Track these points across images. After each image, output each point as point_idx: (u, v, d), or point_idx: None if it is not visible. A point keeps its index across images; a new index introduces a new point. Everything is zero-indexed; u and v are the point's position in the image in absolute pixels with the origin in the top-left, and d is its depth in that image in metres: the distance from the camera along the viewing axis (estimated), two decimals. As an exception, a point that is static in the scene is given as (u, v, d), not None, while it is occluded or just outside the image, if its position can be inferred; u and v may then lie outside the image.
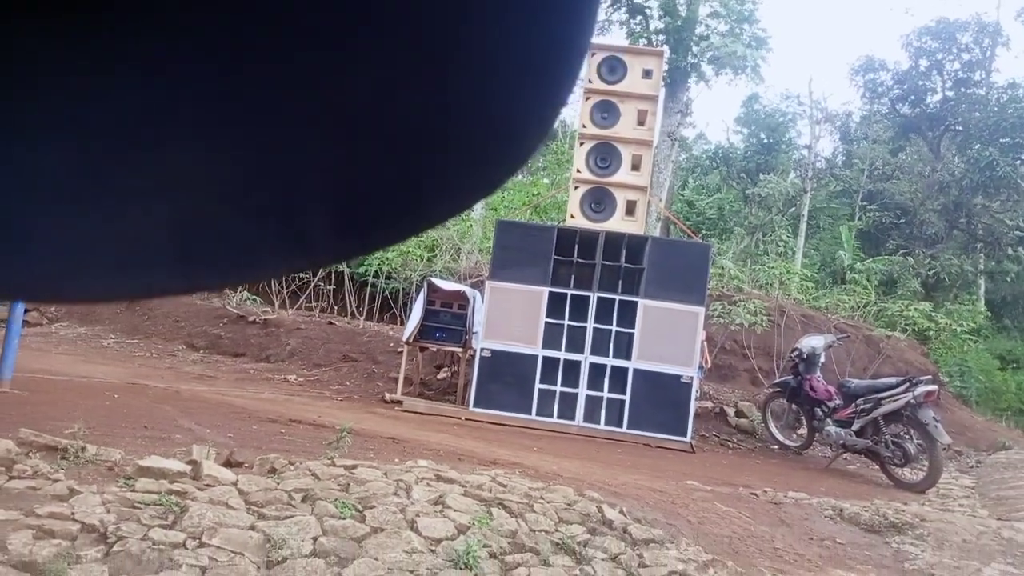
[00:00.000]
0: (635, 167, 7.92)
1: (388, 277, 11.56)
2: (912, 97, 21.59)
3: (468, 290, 8.29)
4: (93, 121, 0.26)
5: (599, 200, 7.91)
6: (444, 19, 0.27)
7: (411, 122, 0.30)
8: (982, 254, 18.60)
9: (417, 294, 9.06)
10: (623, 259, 7.55)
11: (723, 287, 11.49)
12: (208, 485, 3.09)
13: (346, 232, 0.32)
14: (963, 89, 20.69)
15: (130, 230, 0.30)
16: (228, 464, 3.62)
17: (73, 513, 2.61)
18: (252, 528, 2.77)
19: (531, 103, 0.32)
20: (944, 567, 3.95)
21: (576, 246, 7.57)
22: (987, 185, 17.49)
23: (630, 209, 7.92)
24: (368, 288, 11.68)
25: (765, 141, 21.55)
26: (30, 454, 3.14)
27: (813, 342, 7.67)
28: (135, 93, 0.26)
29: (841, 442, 6.98)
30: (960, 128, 20.16)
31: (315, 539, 2.77)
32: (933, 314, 11.33)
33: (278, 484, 3.23)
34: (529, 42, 0.30)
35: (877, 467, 7.05)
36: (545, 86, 0.32)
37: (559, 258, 7.53)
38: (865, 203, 19.83)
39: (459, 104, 0.30)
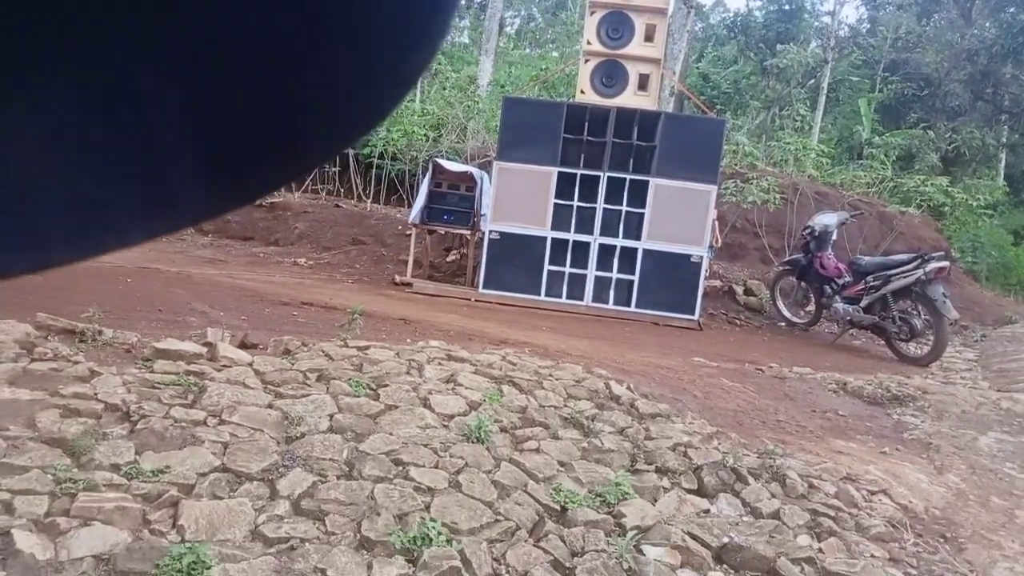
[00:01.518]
0: (648, 38, 7.52)
1: (394, 158, 11.35)
2: (946, -44, 20.17)
3: (475, 171, 8.14)
4: None
5: (610, 74, 7.58)
6: None
7: (270, 45, 0.24)
8: (1006, 126, 18.02)
9: (423, 175, 8.92)
10: (635, 136, 7.33)
11: (736, 164, 11.24)
12: (225, 366, 3.16)
13: (218, 183, 0.27)
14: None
15: None
16: (243, 346, 3.69)
17: (96, 393, 2.69)
18: (270, 406, 2.86)
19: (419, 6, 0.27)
20: (942, 436, 4.07)
21: (586, 123, 7.34)
22: (1018, 52, 16.65)
23: (643, 83, 7.60)
24: (374, 170, 11.51)
25: (786, 7, 20.40)
26: (49, 337, 3.21)
27: (826, 219, 7.58)
28: None
29: (848, 318, 7.05)
30: (995, -10, 18.93)
31: (331, 416, 2.86)
32: (950, 189, 11.11)
33: (293, 365, 3.30)
34: None
35: (883, 343, 7.16)
36: None
37: (568, 136, 7.32)
38: (887, 74, 19.00)
39: (327, 15, 0.24)
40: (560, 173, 7.34)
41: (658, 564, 2.35)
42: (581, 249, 7.45)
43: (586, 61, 7.65)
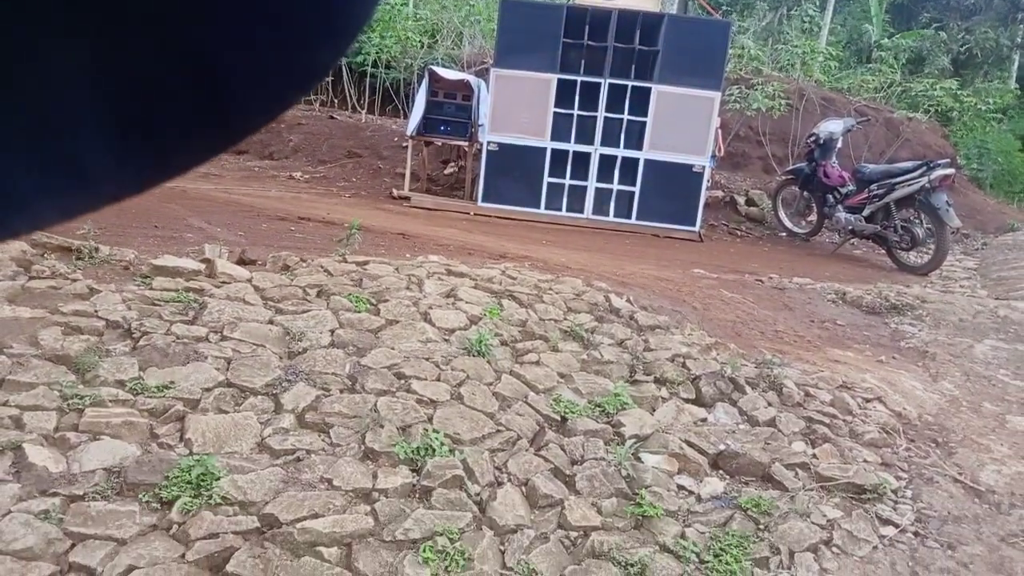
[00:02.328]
0: (652, -68, 7.13)
1: (387, 67, 10.98)
2: None
3: (472, 79, 7.88)
4: None
5: (612, -27, 7.23)
6: None
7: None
8: (1022, 25, 17.34)
9: (418, 84, 8.64)
10: (637, 41, 7.06)
11: (741, 69, 10.87)
12: (224, 283, 3.15)
13: (135, 154, 0.24)
14: None
15: None
16: (241, 262, 3.67)
17: (96, 311, 2.69)
18: (271, 322, 2.87)
19: None
20: (938, 344, 4.12)
21: (587, 27, 7.05)
22: (1041, -55, 15.84)
23: (646, -17, 7.26)
24: (367, 79, 11.15)
25: (798, -102, 19.22)
26: (45, 255, 3.18)
27: (831, 127, 7.41)
28: None
29: (850, 227, 7.00)
30: None
31: (332, 331, 2.87)
32: (959, 92, 10.80)
33: (292, 280, 3.29)
34: None
35: (883, 252, 7.14)
36: None
37: (568, 41, 7.05)
38: (902, -30, 18.15)
39: None
40: (560, 80, 7.12)
41: (656, 471, 2.42)
42: (581, 160, 7.31)
43: (587, -41, 7.28)
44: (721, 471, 2.56)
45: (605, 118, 7.22)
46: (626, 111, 7.18)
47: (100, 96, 0.22)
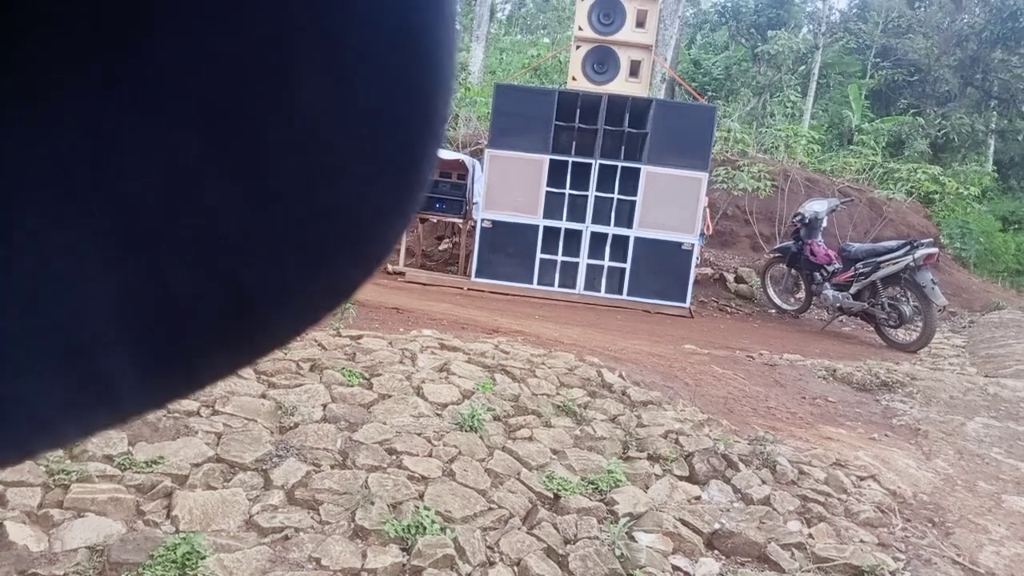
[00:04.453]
0: (640, 23, 7.50)
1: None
2: (937, -59, 20.14)
3: (467, 159, 8.11)
4: None
5: (602, 61, 7.55)
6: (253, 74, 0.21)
7: (224, 224, 0.22)
8: (995, 112, 18.10)
9: (415, 163, 8.83)
10: (626, 123, 7.32)
11: (728, 151, 11.24)
12: (217, 356, 3.15)
13: (164, 370, 0.25)
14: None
15: None
16: (235, 336, 3.67)
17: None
18: (263, 396, 2.86)
19: (389, 183, 0.25)
20: (930, 422, 4.12)
21: (578, 110, 7.32)
22: (1008, 38, 16.72)
23: (634, 70, 7.58)
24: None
25: (778, -7, 20.33)
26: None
27: (816, 206, 7.60)
28: None
29: (838, 305, 7.09)
30: (985, -24, 18.95)
31: (324, 406, 2.86)
32: (940, 176, 11.16)
33: (286, 354, 3.29)
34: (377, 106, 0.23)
35: (872, 329, 7.21)
36: (406, 154, 0.25)
37: (560, 123, 7.30)
38: (878, 59, 19.05)
39: (285, 194, 0.23)
40: (552, 161, 7.33)
41: (650, 550, 2.38)
42: (573, 237, 7.45)
43: (577, 47, 7.62)
44: (716, 551, 2.52)
45: (596, 197, 7.39)
46: (616, 190, 7.37)
47: (133, 315, 0.23)
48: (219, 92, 0.21)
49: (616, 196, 7.38)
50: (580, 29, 7.54)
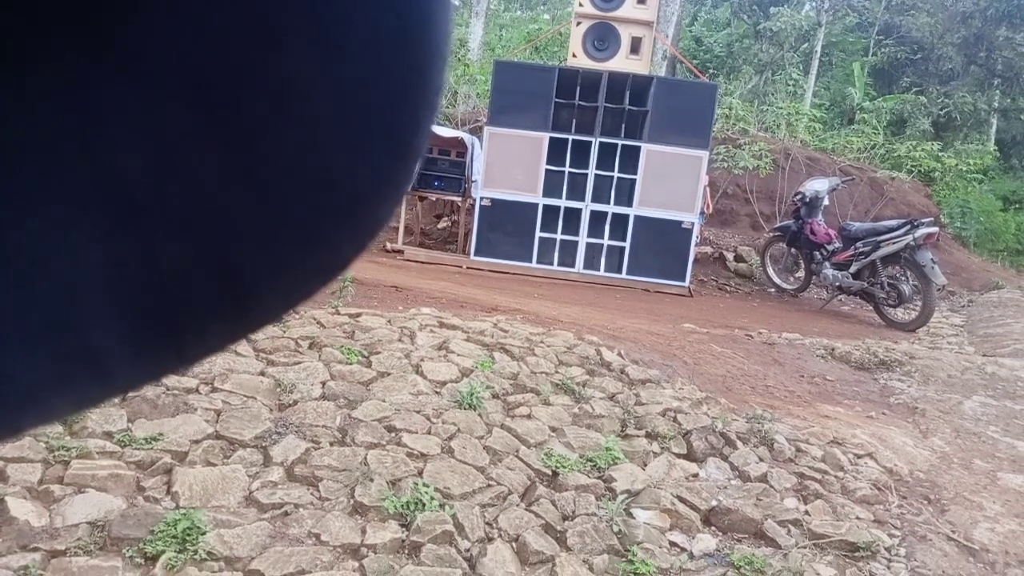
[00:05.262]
0: (641, 0, 7.41)
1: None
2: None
3: (466, 136, 8.05)
4: None
5: (602, 37, 7.47)
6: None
7: (213, 198, 0.22)
8: (998, 91, 17.96)
9: (414, 141, 8.77)
10: (627, 101, 7.26)
11: (728, 129, 11.17)
12: (215, 334, 3.15)
13: (154, 344, 0.24)
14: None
15: None
16: (234, 314, 3.67)
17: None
18: (262, 374, 2.86)
19: (381, 154, 0.24)
20: (928, 400, 4.13)
21: (578, 88, 7.25)
22: (1013, 15, 16.55)
23: (635, 47, 7.50)
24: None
25: (781, -32, 20.07)
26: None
27: (816, 185, 7.57)
28: None
29: (837, 284, 7.09)
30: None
31: (323, 383, 2.87)
32: (941, 154, 11.10)
33: (284, 332, 3.29)
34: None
35: (871, 308, 7.22)
36: (401, 126, 0.24)
37: (560, 101, 7.24)
38: (881, 37, 18.84)
39: (275, 166, 0.22)
40: (552, 139, 7.28)
41: (648, 527, 2.39)
42: (572, 216, 7.42)
43: (578, 24, 7.53)
44: (713, 527, 2.54)
45: (596, 175, 7.35)
46: (616, 169, 7.33)
47: (123, 290, 0.23)
48: (206, 64, 0.21)
49: (616, 174, 7.34)
50: (581, 5, 7.45)
